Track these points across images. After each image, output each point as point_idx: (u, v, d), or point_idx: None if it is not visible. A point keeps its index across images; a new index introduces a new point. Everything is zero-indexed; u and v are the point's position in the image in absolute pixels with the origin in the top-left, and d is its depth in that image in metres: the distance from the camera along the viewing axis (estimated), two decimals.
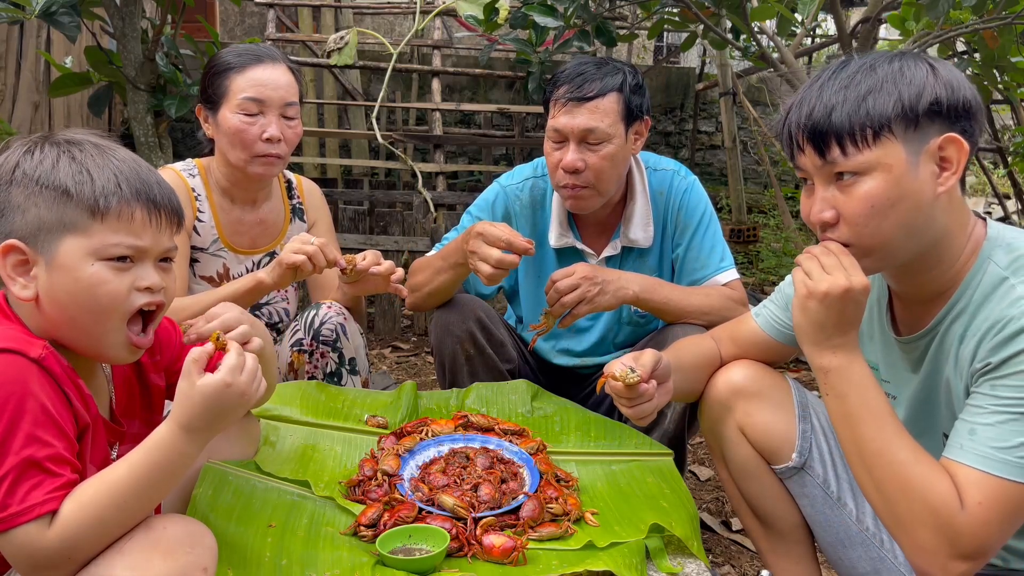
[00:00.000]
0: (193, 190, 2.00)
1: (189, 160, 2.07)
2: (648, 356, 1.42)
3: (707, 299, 1.91)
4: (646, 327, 2.07)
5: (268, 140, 1.91)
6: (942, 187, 1.18)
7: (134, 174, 1.16)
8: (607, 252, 2.03)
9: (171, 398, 1.40)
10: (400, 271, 1.84)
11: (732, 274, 1.98)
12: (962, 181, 1.22)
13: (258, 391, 1.18)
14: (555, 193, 2.05)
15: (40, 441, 1.03)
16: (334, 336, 1.94)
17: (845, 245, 1.23)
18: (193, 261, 2.01)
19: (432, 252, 2.07)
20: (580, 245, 2.05)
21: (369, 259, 1.82)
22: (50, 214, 1.11)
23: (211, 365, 1.15)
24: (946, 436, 1.27)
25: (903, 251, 1.22)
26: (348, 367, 1.97)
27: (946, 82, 1.16)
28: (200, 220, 2.00)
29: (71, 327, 1.14)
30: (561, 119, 1.86)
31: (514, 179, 2.12)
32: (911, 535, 1.15)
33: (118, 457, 1.24)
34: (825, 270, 1.21)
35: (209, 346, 1.19)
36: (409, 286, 2.01)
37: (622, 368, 1.38)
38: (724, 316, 1.84)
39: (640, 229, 2.00)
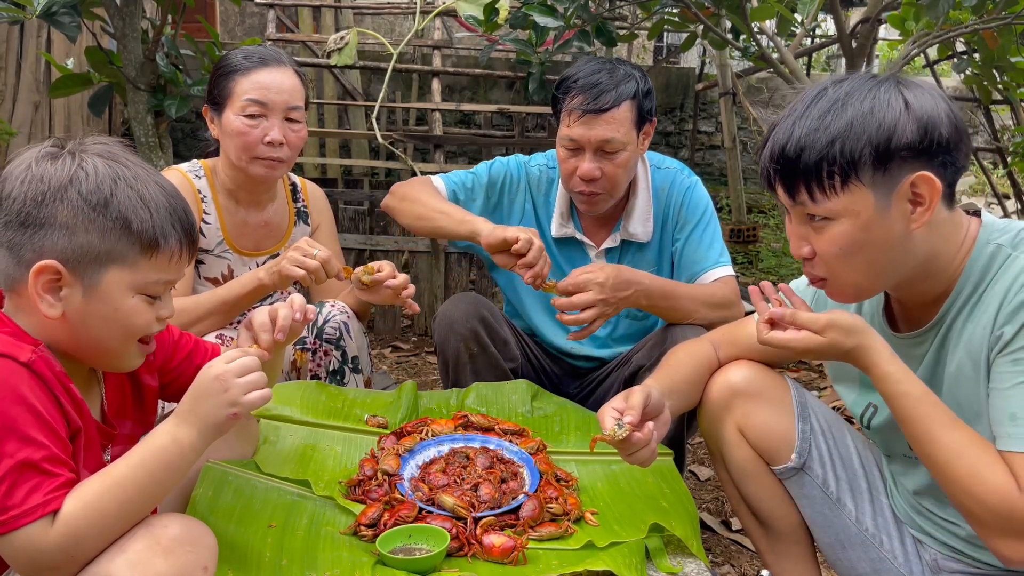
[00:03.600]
0: (199, 192, 2.00)
1: (195, 161, 2.07)
2: (637, 396, 1.37)
3: (711, 299, 1.94)
4: (645, 321, 2.10)
5: (270, 143, 1.90)
6: (915, 224, 1.17)
7: (183, 212, 1.17)
8: (607, 244, 2.07)
9: (164, 398, 1.41)
10: (412, 287, 1.84)
11: (728, 270, 2.00)
12: (952, 195, 1.21)
13: (250, 395, 1.16)
14: (560, 186, 2.08)
15: (35, 443, 1.03)
16: (337, 334, 1.94)
17: (823, 279, 1.24)
18: (198, 263, 2.01)
19: (439, 181, 2.08)
20: (580, 236, 2.09)
21: (385, 271, 1.81)
22: (102, 243, 1.10)
23: None
24: None
25: (881, 282, 1.23)
26: (351, 365, 1.97)
27: (920, 121, 1.13)
28: (206, 222, 2.00)
29: (90, 344, 1.15)
30: (577, 130, 1.88)
31: (531, 160, 2.16)
32: (981, 527, 1.15)
33: (111, 459, 1.24)
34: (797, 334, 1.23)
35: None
36: (398, 192, 2.06)
37: (611, 425, 1.32)
38: (725, 303, 1.93)
39: (640, 224, 2.04)
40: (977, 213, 1.26)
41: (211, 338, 1.80)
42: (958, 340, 1.23)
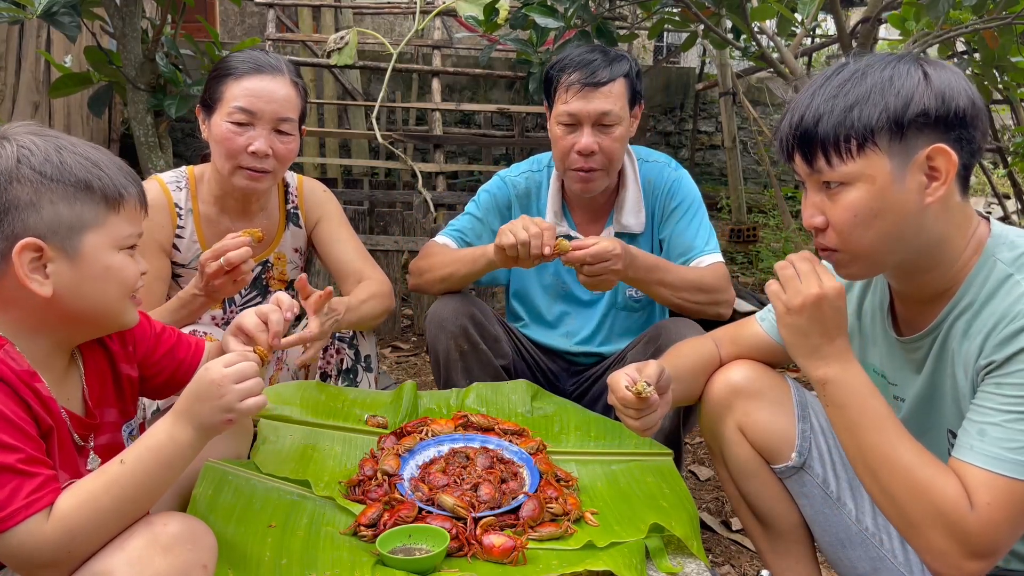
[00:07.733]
0: (177, 205, 1.94)
1: (182, 168, 2.01)
2: (653, 367, 1.41)
3: (699, 281, 1.95)
4: (641, 313, 2.13)
5: (254, 153, 1.83)
6: (930, 198, 1.17)
7: (123, 164, 1.20)
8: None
9: (145, 394, 1.42)
10: (308, 355, 1.73)
11: (717, 257, 2.02)
12: (967, 179, 1.21)
13: (246, 402, 1.16)
14: (551, 185, 2.13)
15: (7, 447, 1.03)
16: (351, 333, 1.94)
17: (833, 251, 1.24)
18: (176, 276, 1.97)
19: (443, 239, 2.14)
20: (574, 233, 2.11)
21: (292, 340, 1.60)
22: (70, 210, 1.11)
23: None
24: (952, 433, 1.27)
25: (890, 257, 1.23)
26: (364, 364, 1.98)
27: (938, 91, 1.15)
28: (180, 236, 1.94)
29: (89, 312, 1.17)
30: (576, 104, 1.93)
31: (512, 172, 2.21)
32: (923, 537, 1.15)
33: (95, 447, 1.25)
34: (800, 278, 1.23)
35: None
36: (416, 268, 2.10)
37: (632, 380, 1.37)
38: (714, 286, 1.93)
39: (632, 215, 2.09)
40: (986, 219, 1.26)
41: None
42: (955, 354, 1.23)
